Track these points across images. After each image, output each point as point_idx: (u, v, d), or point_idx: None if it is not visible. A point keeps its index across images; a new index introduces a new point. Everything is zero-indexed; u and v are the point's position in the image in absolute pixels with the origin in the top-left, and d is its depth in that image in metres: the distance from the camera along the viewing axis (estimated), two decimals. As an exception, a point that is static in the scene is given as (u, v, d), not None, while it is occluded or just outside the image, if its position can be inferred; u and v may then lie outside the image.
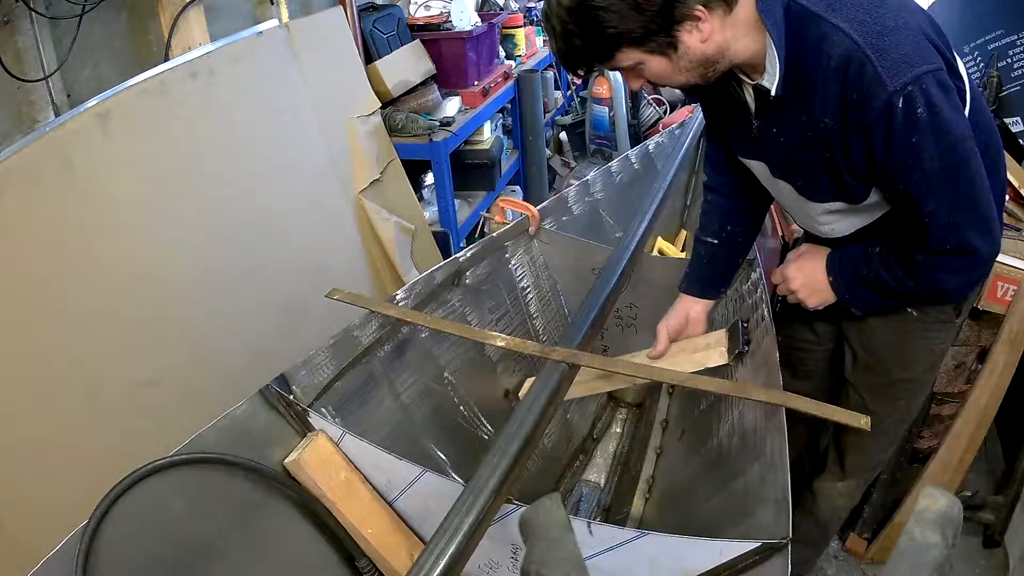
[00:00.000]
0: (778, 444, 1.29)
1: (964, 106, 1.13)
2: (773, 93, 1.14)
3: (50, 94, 1.79)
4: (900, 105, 1.04)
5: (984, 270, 1.28)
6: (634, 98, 4.83)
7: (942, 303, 1.41)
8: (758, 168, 1.38)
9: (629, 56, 1.13)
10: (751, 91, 1.22)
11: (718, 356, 1.53)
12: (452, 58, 3.29)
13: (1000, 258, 1.74)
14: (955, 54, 1.15)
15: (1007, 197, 2.04)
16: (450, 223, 3.08)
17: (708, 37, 1.10)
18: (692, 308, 1.61)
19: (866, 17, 1.05)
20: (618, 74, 4.41)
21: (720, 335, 1.60)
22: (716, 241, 1.56)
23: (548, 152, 4.50)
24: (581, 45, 1.11)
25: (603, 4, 1.05)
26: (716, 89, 1.24)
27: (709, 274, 1.60)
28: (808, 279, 1.40)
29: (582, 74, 1.21)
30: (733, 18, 1.10)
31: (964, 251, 1.17)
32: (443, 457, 1.68)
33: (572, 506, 1.91)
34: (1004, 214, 1.97)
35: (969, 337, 1.87)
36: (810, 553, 1.93)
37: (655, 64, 1.14)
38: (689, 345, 1.62)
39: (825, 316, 1.49)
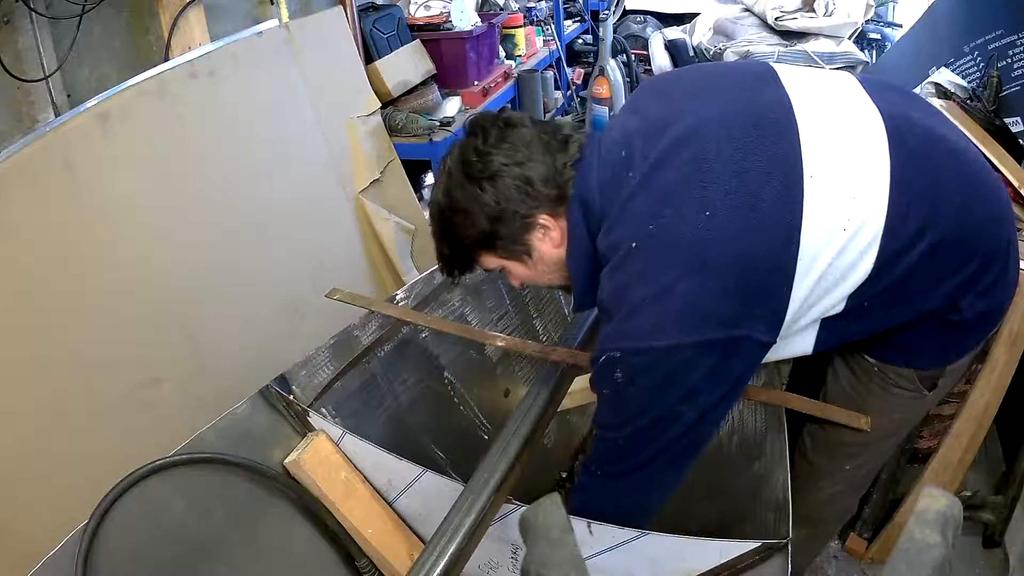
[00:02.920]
0: (778, 444, 1.29)
1: (749, 355, 1.03)
2: (573, 310, 1.20)
3: (50, 94, 1.79)
4: (602, 361, 1.04)
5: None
6: (634, 98, 4.82)
7: (900, 362, 1.22)
8: None
9: (490, 261, 1.18)
10: None
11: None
12: (452, 58, 3.29)
13: (1000, 258, 1.74)
14: (783, 299, 1.00)
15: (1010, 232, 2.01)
16: (450, 223, 3.07)
17: (560, 244, 1.13)
18: None
19: (622, 279, 1.02)
20: (618, 74, 4.43)
21: None
22: None
23: (548, 152, 4.49)
24: (447, 253, 1.18)
25: (459, 216, 1.11)
26: None
27: None
28: None
29: (459, 275, 1.23)
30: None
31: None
32: (443, 457, 1.68)
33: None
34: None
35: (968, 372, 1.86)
36: None
37: (515, 268, 1.18)
38: None
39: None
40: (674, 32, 5.07)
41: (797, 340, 1.13)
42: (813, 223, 0.97)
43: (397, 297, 1.63)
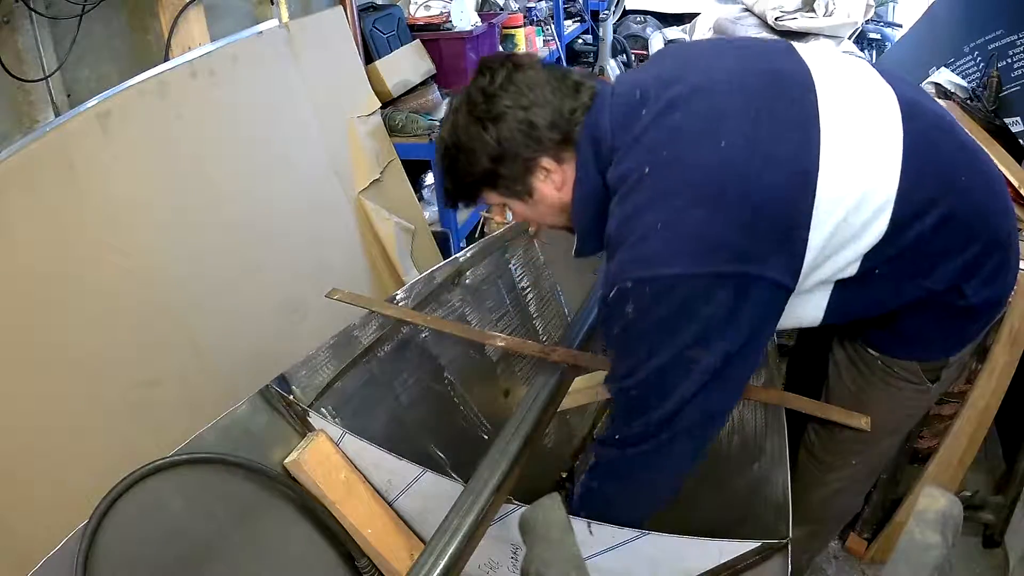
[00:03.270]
0: (778, 444, 1.29)
1: (790, 286, 1.01)
2: (574, 254, 1.20)
3: (50, 94, 1.79)
4: (612, 295, 1.01)
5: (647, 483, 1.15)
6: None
7: (905, 355, 1.23)
8: None
9: (492, 198, 1.19)
10: None
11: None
12: (452, 58, 3.29)
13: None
14: (804, 227, 0.99)
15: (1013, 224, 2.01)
16: (450, 223, 3.07)
17: (562, 186, 1.14)
18: None
19: (631, 208, 1.01)
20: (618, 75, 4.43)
21: None
22: None
23: (548, 152, 4.49)
24: (451, 188, 1.20)
25: (462, 154, 1.13)
26: None
27: None
28: None
29: (463, 206, 1.25)
30: None
31: (615, 439, 1.12)
32: (443, 457, 1.68)
33: (572, 506, 1.91)
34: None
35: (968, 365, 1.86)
36: None
37: (517, 207, 1.20)
38: None
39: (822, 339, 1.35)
40: (674, 32, 5.07)
41: (809, 304, 1.11)
42: (829, 174, 0.98)
43: (397, 297, 1.63)
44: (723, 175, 0.96)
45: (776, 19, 4.39)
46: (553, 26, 4.76)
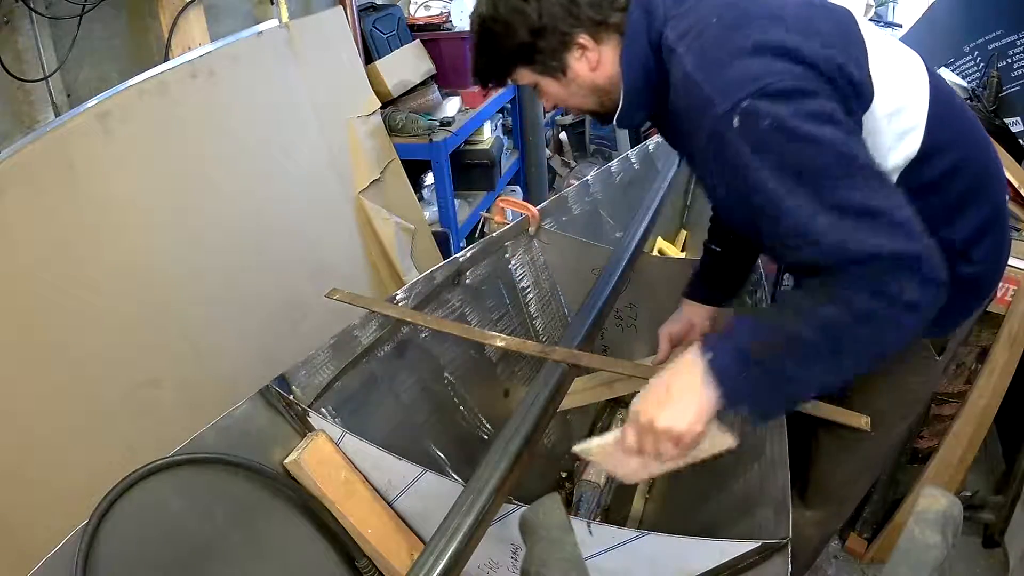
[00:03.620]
0: (778, 444, 1.29)
1: (864, 106, 1.04)
2: (615, 122, 1.20)
3: (50, 94, 1.79)
4: (735, 125, 0.94)
5: (930, 284, 0.91)
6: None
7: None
8: None
9: (525, 76, 1.20)
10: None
11: (719, 429, 1.52)
12: (452, 58, 3.29)
13: (1000, 258, 1.75)
14: (864, 64, 1.04)
15: (1007, 197, 2.04)
16: (450, 223, 3.08)
17: (596, 67, 1.15)
18: (695, 315, 1.59)
19: (710, 43, 1.01)
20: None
21: None
22: (720, 249, 1.55)
23: (548, 152, 4.49)
24: (484, 62, 1.21)
25: (500, 27, 1.14)
26: None
27: (712, 282, 1.58)
28: (662, 386, 0.98)
29: (493, 87, 1.27)
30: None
31: (878, 258, 0.89)
32: (443, 457, 1.68)
33: (572, 506, 1.91)
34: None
35: (969, 337, 1.87)
36: None
37: (549, 86, 1.20)
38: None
39: None
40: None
41: None
42: (876, 74, 1.05)
43: (397, 297, 1.63)
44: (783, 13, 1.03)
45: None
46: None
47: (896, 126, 1.07)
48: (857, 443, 1.42)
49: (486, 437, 1.80)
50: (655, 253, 2.60)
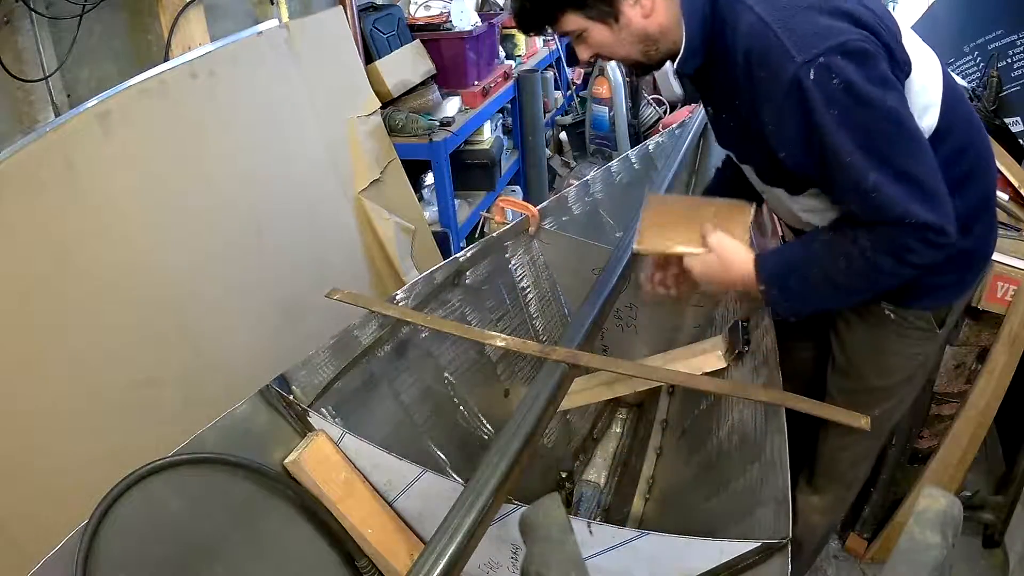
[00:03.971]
0: (778, 444, 1.29)
1: (905, 77, 1.14)
2: (675, 69, 1.20)
3: (50, 94, 1.79)
4: (812, 77, 1.03)
5: (938, 252, 1.13)
6: (634, 98, 4.83)
7: (918, 306, 1.35)
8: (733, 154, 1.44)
9: (573, 21, 1.18)
10: (683, 76, 1.28)
11: (716, 360, 1.53)
12: (452, 58, 3.29)
13: (1000, 258, 1.75)
14: (900, 40, 1.15)
15: (1007, 197, 2.04)
16: (450, 223, 3.08)
17: (649, 14, 1.15)
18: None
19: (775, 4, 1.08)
20: (618, 74, 4.43)
21: (717, 340, 1.61)
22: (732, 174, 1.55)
23: (548, 152, 4.50)
24: (531, 7, 1.19)
25: None
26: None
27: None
28: (718, 263, 1.28)
29: (534, 35, 1.27)
30: (676, 2, 1.15)
31: (908, 223, 1.09)
32: (443, 457, 1.68)
33: (572, 506, 1.91)
34: (1005, 214, 1.98)
35: (969, 337, 1.87)
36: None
37: (597, 33, 1.19)
38: (687, 351, 1.63)
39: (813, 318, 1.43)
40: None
41: None
42: (908, 49, 1.14)
43: (397, 297, 1.63)
44: None
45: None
46: (553, 26, 4.75)
47: (922, 100, 1.15)
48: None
49: (486, 437, 1.80)
50: (655, 253, 2.60)
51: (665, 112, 4.98)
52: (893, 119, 1.07)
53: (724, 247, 1.27)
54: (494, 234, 2.01)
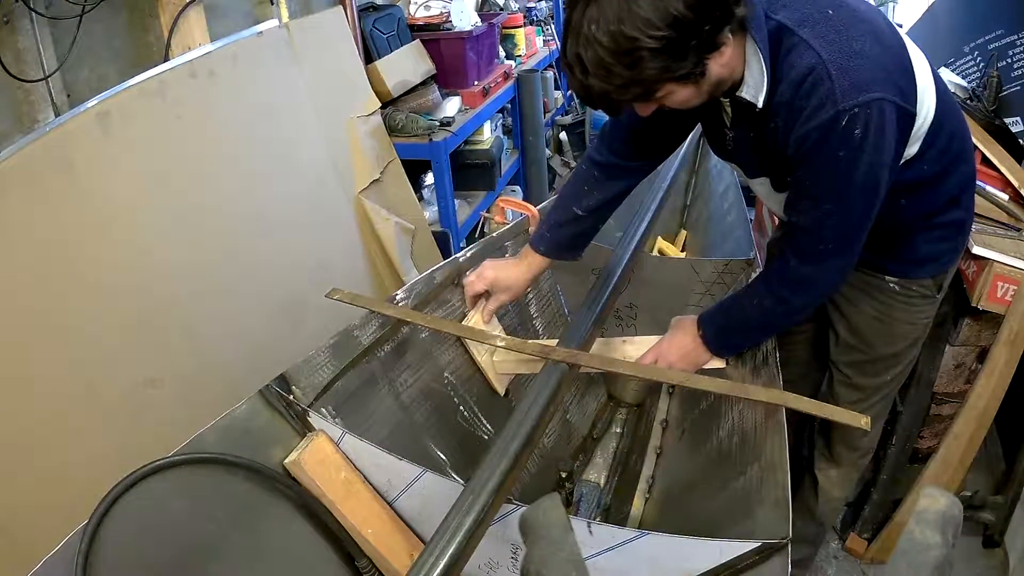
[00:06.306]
0: (778, 444, 1.29)
1: (909, 130, 1.23)
2: (759, 106, 1.19)
3: (50, 94, 1.79)
4: (844, 122, 1.11)
5: (828, 288, 1.39)
6: (634, 98, 4.83)
7: (922, 274, 1.49)
8: (736, 168, 1.50)
9: (666, 89, 1.11)
10: (728, 105, 1.29)
11: (715, 359, 1.53)
12: (452, 58, 3.29)
13: (1000, 258, 1.76)
14: (915, 83, 1.22)
15: (1007, 197, 2.04)
16: (450, 223, 3.08)
17: (727, 61, 1.14)
18: (535, 262, 1.63)
19: (836, 37, 1.12)
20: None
21: None
22: (585, 215, 1.56)
23: (548, 152, 4.49)
24: (622, 84, 1.07)
25: (649, 46, 1.02)
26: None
27: (569, 242, 1.61)
28: (680, 348, 1.49)
29: (616, 112, 1.18)
30: (741, 41, 1.16)
31: (815, 279, 1.32)
32: (443, 457, 1.68)
33: (572, 506, 1.91)
34: (1005, 214, 1.98)
35: (969, 337, 1.87)
36: (808, 551, 1.94)
37: (682, 92, 1.14)
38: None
39: None
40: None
41: None
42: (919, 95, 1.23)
43: (397, 297, 1.63)
44: (875, 20, 1.18)
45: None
46: (553, 26, 4.76)
47: (925, 99, 1.25)
48: (876, 390, 1.63)
49: (486, 437, 1.80)
50: (655, 253, 2.60)
51: (665, 112, 4.97)
52: (869, 199, 1.21)
53: (671, 329, 1.53)
54: (494, 234, 2.01)
